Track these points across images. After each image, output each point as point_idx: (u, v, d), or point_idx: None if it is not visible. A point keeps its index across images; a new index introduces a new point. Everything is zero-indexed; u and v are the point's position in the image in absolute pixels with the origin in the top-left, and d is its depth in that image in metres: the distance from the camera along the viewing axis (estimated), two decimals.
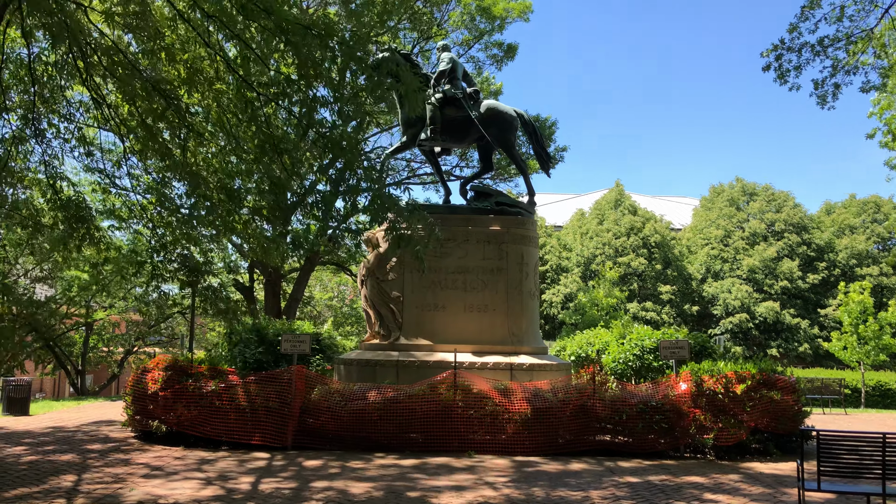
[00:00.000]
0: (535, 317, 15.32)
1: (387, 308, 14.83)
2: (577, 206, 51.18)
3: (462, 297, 14.72)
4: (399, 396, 12.19)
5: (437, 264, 14.80)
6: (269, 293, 26.47)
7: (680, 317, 41.65)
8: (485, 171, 16.73)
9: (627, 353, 15.24)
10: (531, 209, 15.73)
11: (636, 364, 15.01)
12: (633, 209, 44.21)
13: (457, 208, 15.65)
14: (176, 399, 12.27)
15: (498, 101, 18.83)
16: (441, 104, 15.47)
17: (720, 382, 12.09)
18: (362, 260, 15.29)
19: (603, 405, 12.24)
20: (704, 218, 46.10)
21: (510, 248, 14.90)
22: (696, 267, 43.64)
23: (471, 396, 12.28)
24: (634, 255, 41.68)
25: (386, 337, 14.78)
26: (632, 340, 15.45)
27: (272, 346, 14.12)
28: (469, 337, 14.49)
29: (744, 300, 40.76)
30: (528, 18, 28.05)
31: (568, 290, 39.88)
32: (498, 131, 15.52)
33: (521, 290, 14.85)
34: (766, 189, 45.66)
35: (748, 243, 43.38)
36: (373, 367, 14.13)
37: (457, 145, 16.45)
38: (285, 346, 12.59)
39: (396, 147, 16.08)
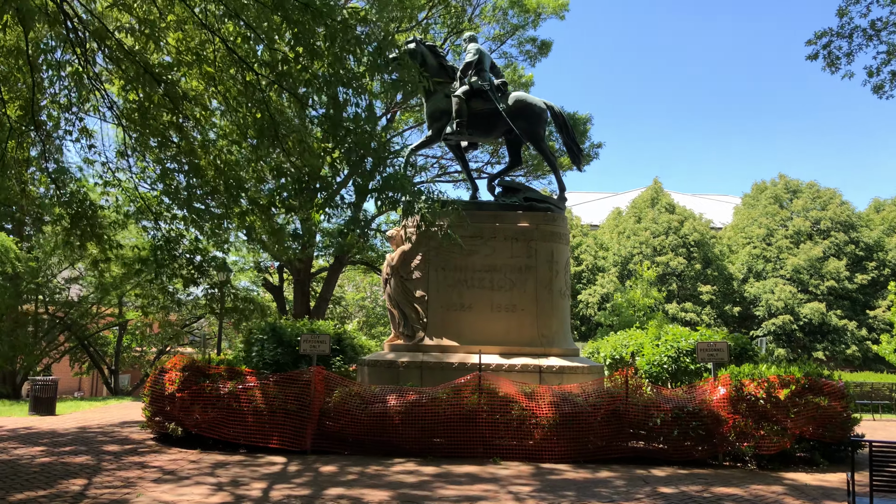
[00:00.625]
0: (565, 317, 14.70)
1: (411, 307, 14.36)
2: (613, 205, 50.22)
3: (489, 297, 14.18)
4: (421, 400, 11.70)
5: (464, 262, 14.30)
6: (297, 293, 26.22)
7: (721, 318, 40.49)
8: (513, 165, 16.15)
9: (662, 355, 14.52)
10: (561, 205, 15.12)
11: (672, 367, 14.28)
12: (671, 207, 43.19)
13: (483, 204, 15.12)
14: (193, 401, 11.96)
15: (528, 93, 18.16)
16: (467, 97, 14.95)
17: (762, 387, 11.36)
18: (386, 258, 14.80)
19: (636, 410, 11.61)
20: (746, 216, 44.79)
21: (539, 246, 14.32)
22: (737, 266, 42.41)
23: (496, 400, 11.75)
24: (673, 254, 40.67)
25: (410, 337, 14.31)
26: (667, 342, 14.72)
27: (291, 347, 13.72)
28: (496, 338, 13.95)
29: (787, 301, 39.44)
30: (563, 16, 27.40)
31: (604, 291, 39.03)
32: (526, 124, 14.95)
33: (550, 289, 14.25)
34: (810, 186, 44.19)
35: (792, 242, 41.99)
36: (396, 369, 13.67)
37: (484, 139, 15.91)
38: (304, 346, 12.20)
39: (421, 142, 15.60)
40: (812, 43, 13.66)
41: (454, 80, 15.35)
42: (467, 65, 15.15)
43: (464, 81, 15.17)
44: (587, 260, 41.72)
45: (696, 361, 13.96)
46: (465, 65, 15.17)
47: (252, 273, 28.94)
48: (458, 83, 15.22)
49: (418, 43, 15.26)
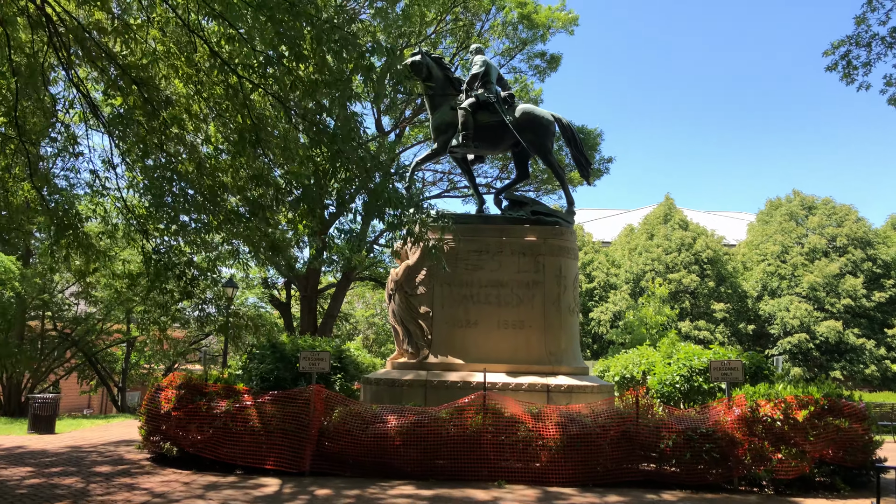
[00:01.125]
0: (574, 334, 14.27)
1: (415, 324, 13.99)
2: (625, 222, 49.73)
3: (495, 313, 13.79)
4: (423, 420, 11.29)
5: (469, 277, 13.95)
6: (304, 309, 25.91)
7: (735, 336, 39.80)
8: (520, 179, 15.80)
9: (674, 375, 14.03)
10: (570, 219, 14.74)
11: (684, 386, 13.80)
12: (684, 224, 42.65)
13: (490, 218, 14.77)
14: (189, 419, 11.60)
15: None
16: (474, 109, 14.65)
17: (779, 408, 10.87)
18: (390, 273, 14.45)
19: (647, 431, 11.13)
20: (760, 233, 44.17)
21: (547, 261, 13.94)
22: (751, 284, 41.74)
23: (502, 421, 11.31)
24: (686, 271, 40.08)
25: (414, 355, 13.93)
26: (679, 360, 14.24)
27: (291, 364, 13.35)
28: (503, 355, 13.55)
29: (803, 319, 38.70)
30: (572, 31, 27.17)
31: (616, 308, 38.48)
32: (534, 136, 14.62)
33: (558, 305, 13.85)
34: (826, 202, 43.53)
35: (807, 259, 41.30)
36: (399, 388, 13.28)
37: (490, 152, 15.59)
38: (303, 364, 11.83)
39: (427, 155, 15.30)
40: (830, 53, 13.21)
41: (461, 93, 15.07)
42: (473, 77, 14.87)
43: (470, 94, 14.88)
44: (599, 277, 41.21)
45: (709, 381, 13.47)
46: (472, 77, 14.89)
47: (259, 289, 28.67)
48: (464, 96, 14.93)
49: (423, 55, 15.01)
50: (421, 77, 14.99)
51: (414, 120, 27.39)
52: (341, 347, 15.21)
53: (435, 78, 15.03)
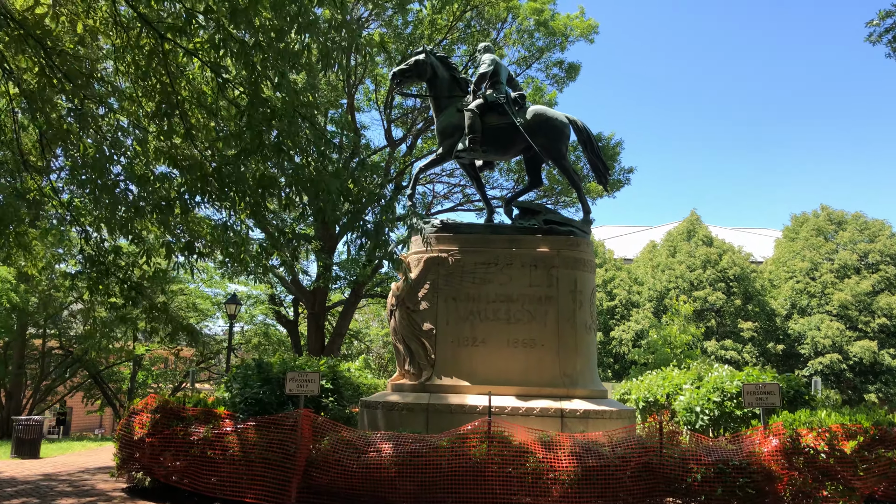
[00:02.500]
0: (591, 354, 13.07)
1: (417, 342, 12.87)
2: (647, 239, 48.37)
3: (505, 331, 12.64)
4: (421, 449, 10.14)
5: (476, 292, 12.83)
6: (311, 327, 24.89)
7: (763, 356, 38.20)
8: (532, 186, 14.69)
9: (704, 399, 12.72)
10: (586, 228, 13.58)
11: (714, 412, 12.49)
12: (708, 240, 41.23)
13: (498, 227, 13.65)
14: (164, 447, 10.55)
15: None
16: (481, 111, 13.60)
17: (823, 438, 9.59)
18: (391, 287, 13.37)
19: (672, 463, 9.90)
20: (788, 249, 42.60)
21: (561, 273, 12.78)
22: (779, 302, 40.15)
23: (509, 450, 10.14)
24: (711, 288, 38.64)
25: (416, 376, 12.79)
26: (709, 384, 12.93)
27: (279, 386, 12.22)
28: (513, 377, 12.38)
29: (835, 338, 37.03)
30: (592, 39, 26.13)
31: (639, 327, 37.07)
32: (546, 140, 13.53)
33: (574, 322, 12.66)
34: (856, 217, 41.91)
35: (837, 276, 39.67)
36: (399, 412, 12.14)
37: (500, 157, 14.50)
38: (290, 385, 10.74)
39: (431, 160, 14.24)
40: (875, 24, 11.86)
41: (468, 94, 14.06)
42: (481, 76, 13.84)
43: (478, 94, 13.86)
44: (621, 295, 39.86)
45: (741, 406, 12.16)
46: (479, 76, 13.86)
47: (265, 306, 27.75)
48: (471, 97, 13.91)
49: (428, 53, 14.02)
50: (425, 77, 14.00)
51: (427, 131, 26.43)
52: (336, 367, 14.06)
53: (440, 78, 14.04)
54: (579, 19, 25.09)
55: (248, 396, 12.02)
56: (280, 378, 12.16)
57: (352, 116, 24.37)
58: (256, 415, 11.18)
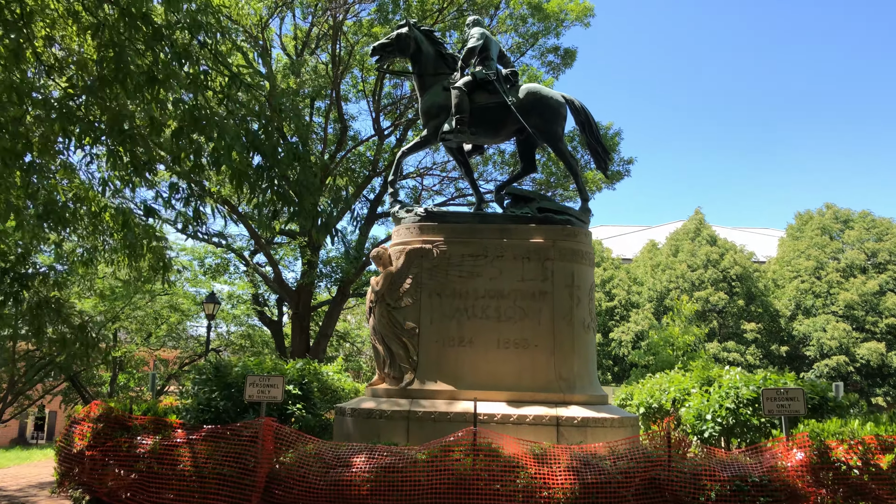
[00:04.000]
0: (589, 355, 11.85)
1: (398, 342, 11.64)
2: (646, 239, 47.17)
3: (495, 329, 11.42)
4: (398, 463, 8.93)
5: (464, 287, 11.61)
6: (295, 328, 23.62)
7: (767, 358, 37.02)
8: (526, 172, 13.48)
9: (716, 406, 11.47)
10: (584, 217, 12.37)
11: (728, 420, 11.25)
12: (712, 239, 40.03)
13: (488, 216, 12.43)
14: (106, 461, 9.32)
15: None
16: (469, 89, 12.39)
17: (855, 451, 8.42)
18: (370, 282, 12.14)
19: (682, 479, 8.70)
20: (792, 248, 41.43)
21: (557, 266, 11.56)
22: (783, 302, 38.98)
23: (497, 464, 8.94)
24: (713, 288, 37.46)
25: (397, 380, 11.57)
26: (721, 388, 11.68)
27: (238, 391, 10.93)
28: (503, 381, 11.17)
29: (841, 340, 35.88)
30: (588, 23, 24.90)
31: (639, 328, 35.88)
32: (541, 121, 12.33)
33: (571, 320, 11.45)
34: (864, 216, 40.75)
35: (843, 276, 38.51)
36: (376, 420, 10.91)
37: (490, 139, 13.27)
38: (250, 391, 9.52)
39: (414, 143, 13.02)
40: None
41: (455, 72, 12.86)
42: (470, 51, 12.63)
43: (465, 71, 12.66)
44: (620, 295, 38.66)
45: (758, 413, 10.92)
46: (468, 51, 12.65)
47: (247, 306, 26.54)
48: (458, 74, 12.70)
49: (411, 27, 12.82)
50: (408, 53, 12.81)
51: (418, 121, 25.24)
52: (308, 370, 12.79)
53: (425, 54, 12.84)
54: (574, 2, 23.90)
55: (202, 403, 10.75)
56: (240, 383, 10.91)
57: (338, 106, 23.15)
58: (214, 423, 9.92)
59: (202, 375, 11.45)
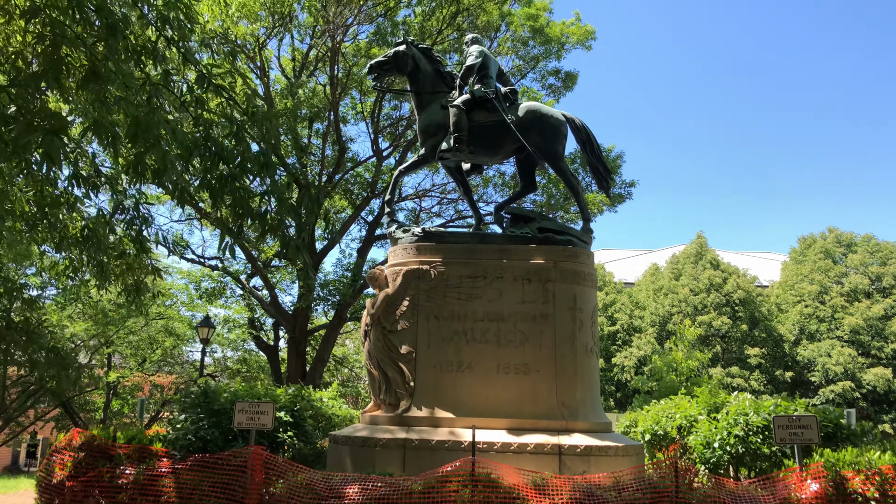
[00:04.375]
0: (593, 381, 11.44)
1: (394, 367, 11.24)
2: (648, 263, 46.86)
3: (494, 354, 11.02)
4: (392, 495, 8.52)
5: (462, 309, 11.24)
6: (291, 353, 23.19)
7: (771, 384, 36.48)
8: (526, 191, 13.17)
9: (724, 433, 11.03)
10: (587, 238, 12.04)
11: (737, 448, 10.80)
12: (715, 263, 39.68)
13: (487, 236, 12.09)
14: (87, 491, 8.90)
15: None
16: (468, 107, 12.12)
17: (872, 482, 8.01)
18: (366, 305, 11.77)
19: None
20: (795, 272, 41.06)
21: (559, 288, 11.20)
22: (787, 327, 38.50)
23: (497, 496, 8.53)
24: (716, 313, 37.03)
25: (393, 406, 11.15)
26: (729, 415, 11.26)
27: (227, 418, 10.48)
28: (504, 408, 10.75)
29: (847, 365, 35.37)
30: (589, 46, 24.79)
31: (641, 353, 35.40)
32: (540, 139, 12.05)
33: (573, 344, 11.06)
34: (867, 239, 40.46)
35: (848, 300, 38.11)
36: (371, 449, 10.48)
37: (489, 159, 12.98)
38: (239, 418, 9.13)
39: (412, 162, 12.73)
40: None
41: (454, 90, 12.62)
42: (468, 69, 12.39)
43: (464, 90, 12.41)
44: (622, 319, 38.23)
45: (769, 441, 10.48)
46: (466, 69, 12.41)
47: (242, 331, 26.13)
48: (457, 92, 12.45)
49: (409, 44, 12.61)
50: (405, 71, 12.58)
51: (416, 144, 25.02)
52: (300, 396, 12.35)
53: (423, 72, 12.61)
54: (575, 26, 23.80)
55: (189, 431, 10.30)
56: (229, 409, 10.48)
57: (337, 128, 22.94)
58: (200, 453, 9.50)
59: (189, 401, 11.02)
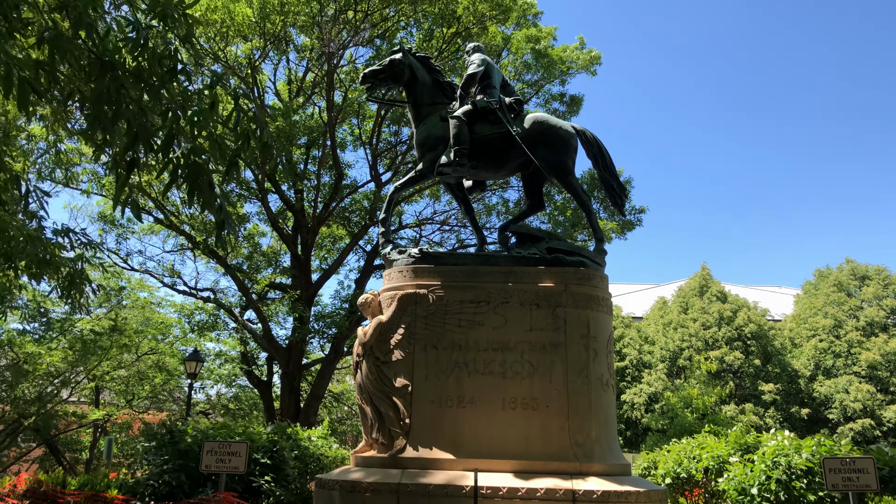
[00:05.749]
0: (609, 417, 10.28)
1: (388, 402, 10.10)
2: (655, 297, 45.69)
3: (499, 387, 9.90)
4: None
5: (463, 337, 10.15)
6: (285, 389, 22.00)
7: (787, 421, 35.01)
8: (532, 210, 12.12)
9: (762, 477, 9.80)
10: (600, 259, 10.97)
11: (778, 496, 9.56)
12: (722, 296, 38.52)
13: (491, 257, 11.01)
14: None
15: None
16: (470, 118, 11.18)
17: None
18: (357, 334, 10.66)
19: None
20: (809, 306, 39.83)
21: (570, 314, 10.11)
22: (802, 362, 37.16)
23: None
24: (728, 347, 35.73)
25: (386, 446, 9.99)
26: (766, 456, 10.03)
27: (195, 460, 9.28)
28: (510, 448, 9.59)
29: (866, 402, 34.00)
30: (594, 71, 24.03)
31: (652, 389, 34.04)
32: (549, 153, 11.07)
33: (587, 376, 9.93)
34: (879, 271, 39.33)
35: (864, 334, 36.82)
36: (361, 495, 9.30)
37: (492, 174, 11.97)
38: (208, 460, 8.00)
39: (409, 178, 11.70)
40: None
41: (454, 101, 11.69)
42: (470, 78, 11.47)
43: (465, 100, 11.47)
44: (631, 354, 36.94)
45: (815, 487, 9.26)
46: (468, 78, 11.49)
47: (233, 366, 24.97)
48: (458, 103, 11.51)
49: (406, 52, 11.71)
50: (402, 81, 11.67)
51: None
52: (280, 435, 11.15)
53: (420, 82, 11.71)
54: (580, 51, 23.04)
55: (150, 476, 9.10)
56: (197, 450, 9.30)
57: (334, 153, 22.06)
58: (164, 500, 8.33)
59: (153, 442, 9.83)
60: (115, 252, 24.21)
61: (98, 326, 22.81)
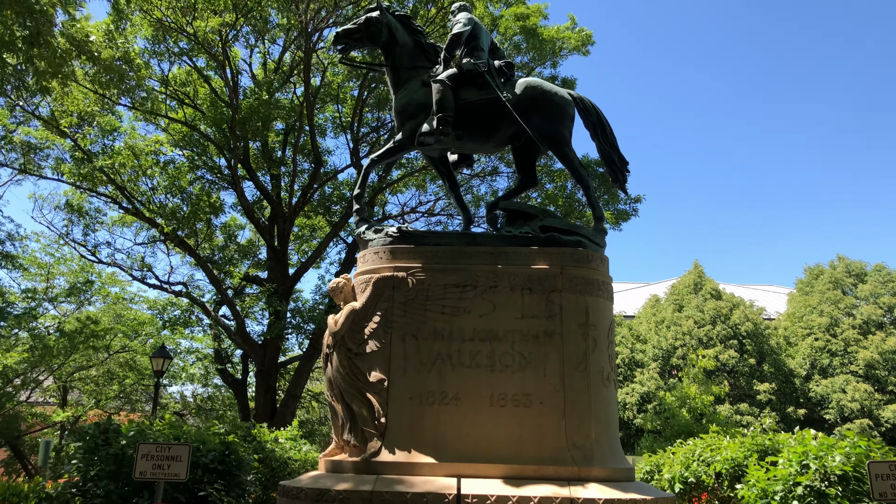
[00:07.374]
0: (611, 416, 9.13)
1: (361, 399, 8.90)
2: (647, 296, 44.76)
3: (487, 382, 8.73)
4: None
5: (447, 326, 8.97)
6: (261, 387, 20.72)
7: (783, 421, 34.10)
8: (525, 186, 10.95)
9: (789, 482, 8.63)
10: (599, 239, 9.82)
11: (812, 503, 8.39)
12: (716, 293, 37.61)
13: (478, 237, 9.83)
14: None
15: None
16: (455, 83, 10.02)
17: None
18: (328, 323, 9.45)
19: None
20: (803, 304, 38.97)
21: (566, 300, 8.96)
22: (797, 361, 36.29)
23: None
24: (723, 346, 34.79)
25: (359, 449, 8.79)
26: (794, 458, 8.85)
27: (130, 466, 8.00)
28: (499, 451, 8.43)
29: (863, 402, 33.14)
30: (587, 51, 22.92)
31: (644, 389, 33.04)
32: (543, 121, 9.92)
33: (586, 369, 8.79)
34: (878, 269, 38.56)
35: (861, 332, 35.98)
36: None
37: (479, 146, 10.73)
38: (142, 465, 6.79)
39: (387, 149, 10.48)
40: None
41: (437, 65, 10.52)
42: (455, 38, 10.30)
43: (450, 63, 10.30)
44: (623, 353, 35.96)
45: (854, 495, 8.11)
46: (453, 38, 10.32)
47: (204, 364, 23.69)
48: (441, 67, 10.34)
49: (384, 10, 10.53)
50: (379, 41, 10.49)
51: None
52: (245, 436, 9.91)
53: (400, 44, 10.53)
54: (572, 31, 21.94)
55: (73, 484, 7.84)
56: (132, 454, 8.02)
57: (312, 137, 20.83)
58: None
59: (81, 443, 8.54)
60: (81, 244, 22.93)
61: (66, 324, 21.59)
